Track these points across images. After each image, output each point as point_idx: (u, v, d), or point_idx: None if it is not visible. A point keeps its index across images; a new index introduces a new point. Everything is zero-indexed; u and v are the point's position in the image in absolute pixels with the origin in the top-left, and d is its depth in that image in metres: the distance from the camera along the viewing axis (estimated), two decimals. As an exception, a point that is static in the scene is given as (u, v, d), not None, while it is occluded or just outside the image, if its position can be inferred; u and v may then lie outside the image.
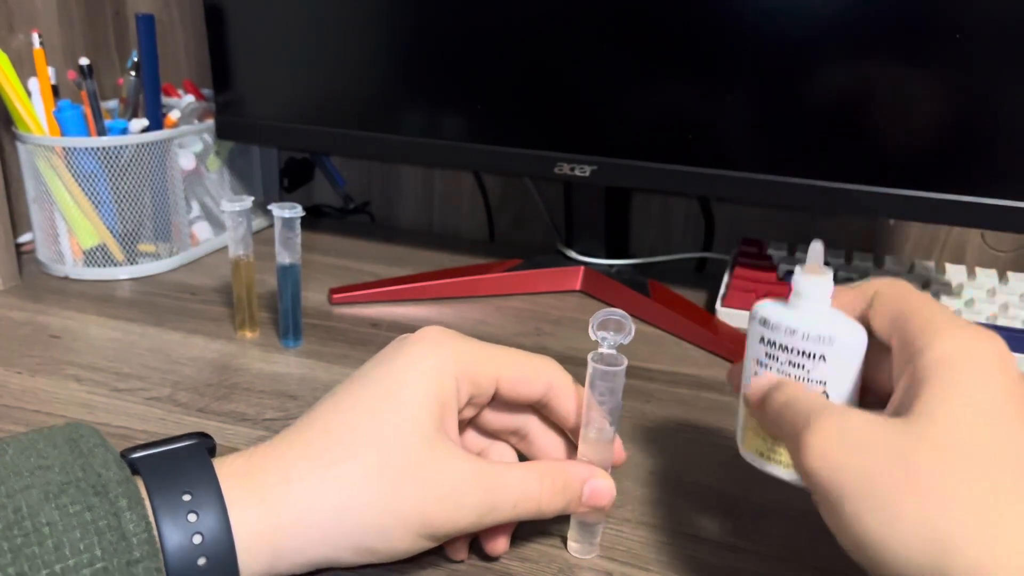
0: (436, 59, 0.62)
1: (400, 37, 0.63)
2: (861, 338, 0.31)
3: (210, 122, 0.71)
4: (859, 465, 0.26)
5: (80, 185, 0.64)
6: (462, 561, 0.36)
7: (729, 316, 0.60)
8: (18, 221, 0.68)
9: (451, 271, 0.67)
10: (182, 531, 0.29)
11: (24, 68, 0.65)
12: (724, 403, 0.50)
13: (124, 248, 0.66)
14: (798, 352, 0.31)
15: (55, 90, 0.65)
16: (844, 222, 0.73)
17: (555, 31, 0.58)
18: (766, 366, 0.32)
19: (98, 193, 0.64)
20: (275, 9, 0.65)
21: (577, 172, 0.60)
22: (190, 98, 0.74)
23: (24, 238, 0.70)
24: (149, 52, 0.66)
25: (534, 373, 0.36)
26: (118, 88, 0.77)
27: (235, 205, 0.52)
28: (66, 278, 0.66)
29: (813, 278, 0.31)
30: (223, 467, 0.31)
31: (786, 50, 0.53)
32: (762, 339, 0.32)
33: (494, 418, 0.37)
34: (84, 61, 0.63)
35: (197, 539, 0.29)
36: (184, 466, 0.31)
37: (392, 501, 0.31)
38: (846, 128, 0.53)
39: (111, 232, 0.65)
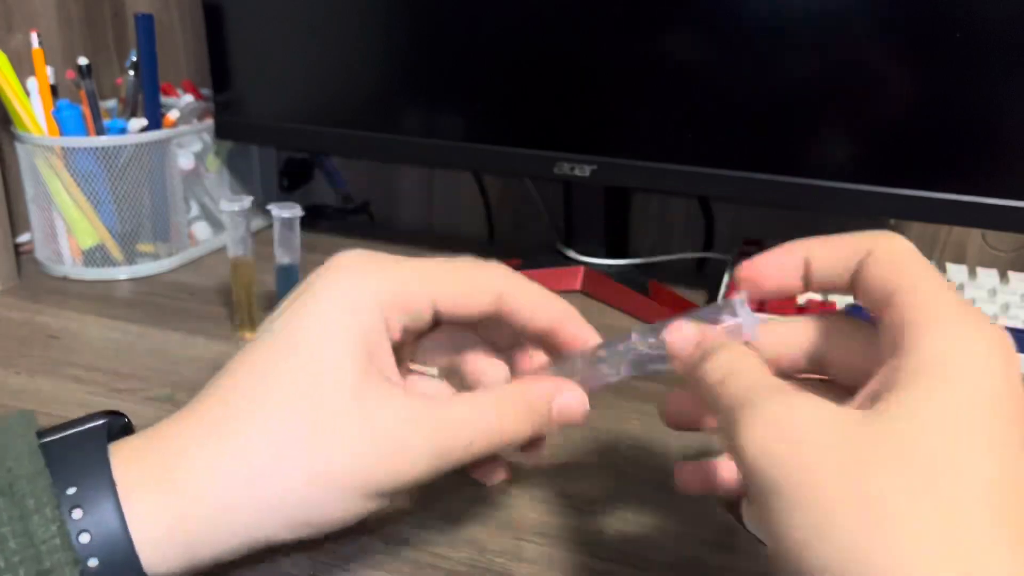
0: (436, 59, 0.62)
1: (400, 37, 0.63)
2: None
3: (209, 122, 0.71)
4: (799, 459, 0.22)
5: (79, 185, 0.63)
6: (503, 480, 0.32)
7: (729, 316, 0.59)
8: (17, 221, 0.68)
9: (451, 271, 0.67)
10: (67, 530, 0.25)
11: (23, 68, 0.65)
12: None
13: (123, 248, 0.66)
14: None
15: (54, 90, 0.65)
16: (844, 222, 0.73)
17: (555, 31, 0.58)
18: None
19: (97, 193, 0.64)
20: (274, 9, 0.65)
21: (577, 172, 0.60)
22: (189, 98, 0.74)
23: (23, 238, 0.70)
24: (148, 52, 0.66)
25: (477, 285, 0.31)
26: (117, 88, 0.77)
27: (234, 205, 0.52)
28: (65, 278, 0.66)
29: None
30: (119, 451, 0.27)
31: (786, 50, 0.53)
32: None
33: (436, 348, 0.33)
34: (83, 61, 0.63)
35: (84, 538, 0.25)
36: (73, 454, 0.26)
37: (315, 465, 0.27)
38: (846, 128, 0.53)
39: (110, 232, 0.65)
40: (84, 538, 0.25)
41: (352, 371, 0.28)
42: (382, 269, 0.30)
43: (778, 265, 0.29)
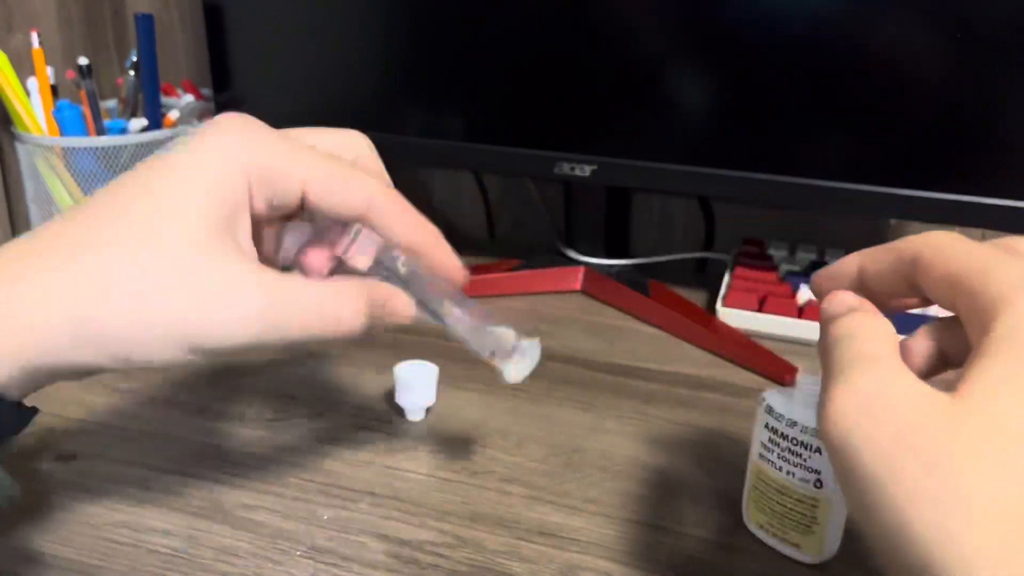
0: (436, 59, 0.62)
1: (400, 37, 0.63)
2: None
3: (209, 122, 0.71)
4: (883, 442, 0.21)
5: (79, 185, 0.64)
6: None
7: (729, 316, 0.60)
8: (17, 221, 0.68)
9: (451, 271, 0.67)
10: None
11: (23, 68, 0.65)
12: (724, 403, 0.50)
13: (123, 248, 0.66)
14: (797, 442, 0.34)
15: (54, 90, 0.65)
16: (844, 222, 0.73)
17: (555, 31, 0.58)
18: (770, 450, 0.35)
19: (97, 193, 0.64)
20: (274, 9, 0.65)
21: (577, 172, 0.60)
22: (189, 98, 0.74)
23: (23, 238, 0.70)
24: (148, 52, 0.66)
25: (348, 185, 0.31)
26: (117, 88, 0.77)
27: (235, 205, 0.52)
28: (65, 278, 0.66)
29: (816, 377, 0.32)
30: None
31: (786, 49, 0.53)
32: (766, 425, 0.35)
33: (295, 236, 0.33)
34: (83, 61, 0.63)
35: None
36: None
37: (144, 308, 0.27)
38: (846, 128, 0.53)
39: (110, 232, 0.65)
40: None
41: (201, 228, 0.28)
42: (258, 140, 0.30)
43: (829, 276, 0.29)
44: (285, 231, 0.33)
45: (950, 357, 0.27)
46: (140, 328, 0.27)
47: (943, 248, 0.25)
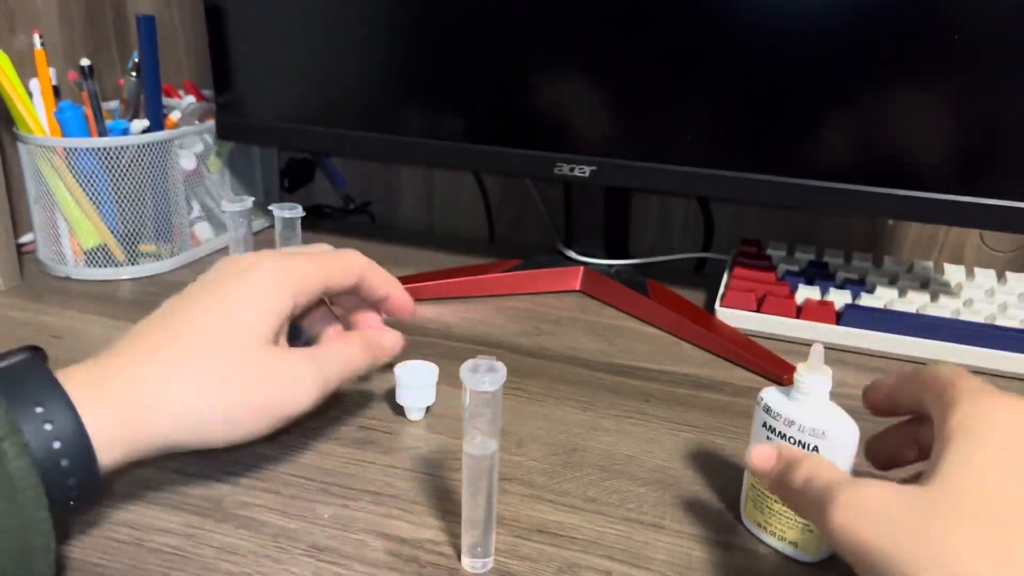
0: (436, 59, 0.62)
1: (400, 38, 0.63)
2: (852, 433, 0.34)
3: (211, 123, 0.71)
4: (879, 535, 0.27)
5: (81, 185, 0.64)
6: None
7: (728, 316, 0.60)
8: (19, 221, 0.68)
9: (451, 271, 0.67)
10: (42, 439, 0.31)
11: (25, 69, 0.65)
12: (723, 403, 0.50)
13: (125, 248, 0.66)
14: (794, 441, 0.35)
15: (56, 91, 0.65)
16: (843, 222, 0.73)
17: (555, 31, 0.58)
18: None
19: (99, 193, 0.64)
20: (275, 10, 0.66)
21: (577, 172, 0.60)
22: (191, 99, 0.74)
23: (25, 238, 0.70)
24: (150, 53, 0.66)
25: (348, 270, 0.43)
26: (119, 89, 0.77)
27: (236, 205, 0.53)
28: (67, 278, 0.67)
29: (814, 376, 0.35)
30: (69, 378, 0.34)
31: (785, 50, 0.53)
32: (764, 424, 0.36)
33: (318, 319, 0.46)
34: (85, 62, 0.64)
35: (57, 445, 0.32)
36: (28, 381, 0.33)
37: (242, 395, 0.36)
38: (845, 128, 0.53)
39: (112, 232, 0.66)
40: (56, 445, 0.32)
41: (266, 337, 0.38)
42: (292, 268, 0.40)
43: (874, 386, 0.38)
44: (312, 318, 0.46)
45: (898, 456, 0.37)
46: (240, 412, 0.37)
47: (948, 370, 0.33)
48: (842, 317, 0.57)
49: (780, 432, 0.35)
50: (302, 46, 0.66)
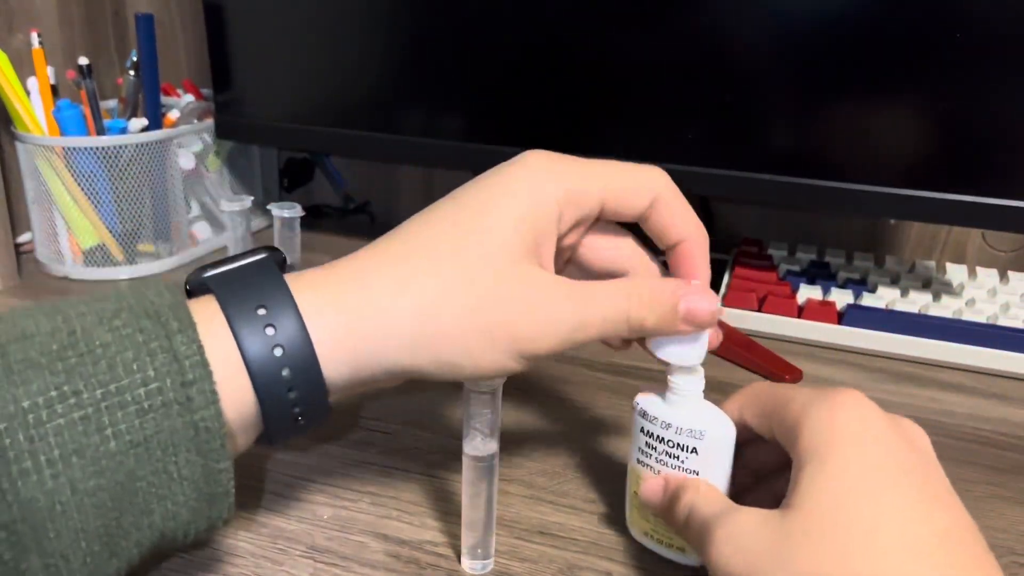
0: (436, 59, 0.62)
1: (400, 37, 0.63)
2: (730, 431, 0.34)
3: (210, 122, 0.71)
4: (747, 565, 0.28)
5: (79, 185, 0.64)
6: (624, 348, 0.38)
7: (730, 316, 0.60)
8: (17, 221, 0.68)
9: (451, 271, 0.67)
10: (262, 344, 0.29)
11: (23, 68, 0.65)
12: (722, 403, 0.50)
13: (123, 248, 0.66)
14: (673, 444, 0.34)
15: (54, 90, 0.65)
16: (844, 222, 0.73)
17: (555, 31, 0.58)
18: (647, 455, 0.35)
19: (97, 193, 0.64)
20: (275, 9, 0.65)
21: (577, 172, 0.60)
22: (189, 98, 0.74)
23: (23, 238, 0.70)
24: (148, 52, 0.66)
25: (639, 184, 0.34)
26: (117, 88, 0.77)
27: (235, 205, 0.52)
28: (66, 278, 0.66)
29: (685, 376, 0.34)
30: (298, 280, 0.31)
31: (785, 49, 0.53)
32: (642, 430, 0.35)
33: (592, 254, 0.37)
34: (83, 61, 0.63)
35: (278, 352, 0.29)
36: (255, 281, 0.30)
37: (478, 317, 0.31)
38: (846, 128, 0.53)
39: (110, 232, 0.65)
40: (277, 352, 0.29)
41: (518, 251, 0.31)
42: (566, 170, 0.33)
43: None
44: (593, 241, 0.37)
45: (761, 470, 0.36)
46: (472, 335, 0.31)
47: (758, 388, 0.34)
48: (844, 317, 0.57)
49: (659, 436, 0.34)
50: (301, 45, 0.66)
